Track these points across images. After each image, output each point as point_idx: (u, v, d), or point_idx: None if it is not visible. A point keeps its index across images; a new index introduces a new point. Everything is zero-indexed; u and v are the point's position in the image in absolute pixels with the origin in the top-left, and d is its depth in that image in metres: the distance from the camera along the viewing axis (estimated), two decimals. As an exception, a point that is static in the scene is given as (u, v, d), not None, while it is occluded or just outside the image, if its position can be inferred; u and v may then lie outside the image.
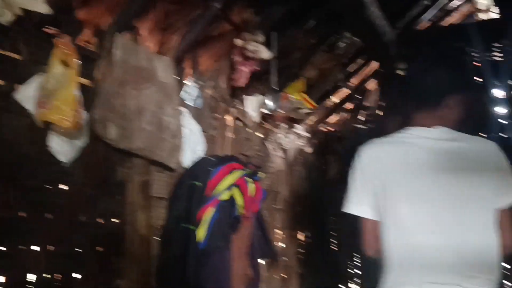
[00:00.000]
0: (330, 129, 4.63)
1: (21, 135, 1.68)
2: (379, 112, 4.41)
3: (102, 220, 1.91)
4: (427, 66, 1.99)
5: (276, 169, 3.56)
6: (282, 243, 3.69)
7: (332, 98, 4.41)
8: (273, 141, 3.53)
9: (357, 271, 4.45)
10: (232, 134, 2.84)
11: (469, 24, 3.75)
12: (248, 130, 3.08)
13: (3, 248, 1.66)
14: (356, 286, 4.42)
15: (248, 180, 2.27)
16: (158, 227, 2.12)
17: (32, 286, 1.71)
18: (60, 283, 1.78)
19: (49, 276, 1.76)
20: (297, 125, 3.95)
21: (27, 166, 1.70)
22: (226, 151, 2.71)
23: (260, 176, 2.35)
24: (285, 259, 3.72)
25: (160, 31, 2.18)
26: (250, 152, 3.02)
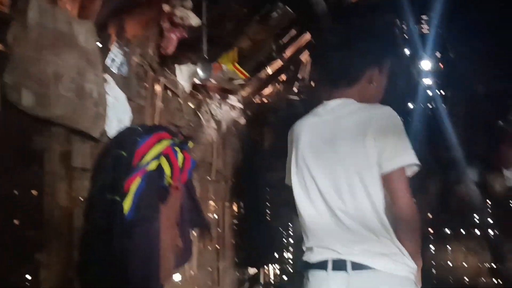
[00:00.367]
0: (264, 100, 4.63)
1: None
2: (312, 84, 4.45)
3: (18, 192, 1.81)
4: (349, 39, 2.03)
5: (209, 140, 3.53)
6: (215, 214, 3.69)
7: (266, 69, 4.40)
8: (206, 112, 3.48)
9: (291, 241, 4.54)
10: (162, 104, 2.77)
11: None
12: (179, 100, 3.02)
13: None
14: (291, 255, 4.51)
15: (177, 149, 2.20)
16: (81, 199, 2.04)
17: None
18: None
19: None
20: (230, 96, 3.91)
21: None
22: (156, 121, 2.64)
23: (190, 146, 2.30)
24: (219, 230, 3.72)
25: (81, -6, 2.07)
26: (181, 123, 2.97)
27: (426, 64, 4.08)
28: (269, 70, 4.50)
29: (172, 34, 2.53)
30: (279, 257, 4.54)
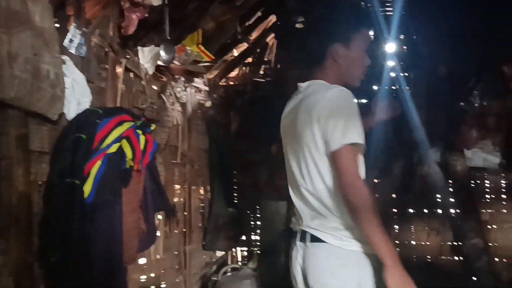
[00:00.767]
0: (231, 83, 4.61)
1: None
2: (279, 66, 4.45)
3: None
4: (311, 18, 2.04)
5: (174, 123, 3.49)
6: (182, 198, 3.67)
7: (232, 52, 4.38)
8: (170, 94, 3.44)
9: (259, 223, 4.56)
10: (124, 86, 2.71)
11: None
12: (142, 82, 2.96)
13: None
14: (258, 238, 4.53)
15: (139, 132, 2.19)
16: (40, 183, 1.99)
17: None
18: None
19: None
20: (196, 78, 3.88)
21: None
22: (117, 104, 2.59)
23: (152, 128, 2.27)
24: (185, 213, 3.71)
25: (36, -29, 1.99)
26: (144, 105, 2.92)
27: (390, 47, 4.11)
28: (235, 53, 4.48)
29: (133, 14, 2.48)
30: (246, 239, 4.56)
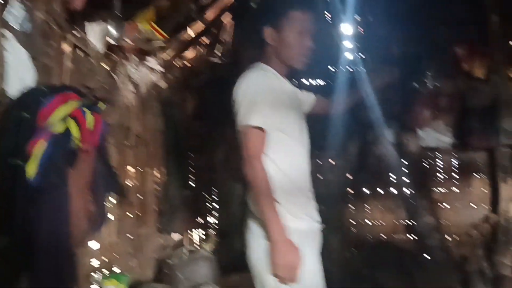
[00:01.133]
0: (186, 64, 4.51)
1: None
2: (235, 47, 4.39)
3: None
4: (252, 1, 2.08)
5: (126, 103, 3.39)
6: (135, 181, 3.59)
7: (187, 31, 4.28)
8: (122, 74, 3.33)
9: (215, 205, 4.53)
10: (72, 64, 2.60)
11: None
12: (92, 60, 2.85)
13: None
14: (215, 220, 4.50)
15: (86, 111, 2.08)
16: (-21, 164, 1.88)
17: None
18: None
19: None
20: (149, 58, 3.77)
21: None
22: (64, 82, 2.48)
23: (101, 108, 2.18)
24: (139, 196, 3.63)
25: None
26: (94, 84, 2.81)
27: (346, 28, 4.12)
28: (190, 32, 4.37)
29: (80, -12, 2.36)
30: (203, 222, 4.52)
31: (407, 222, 4.07)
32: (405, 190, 4.06)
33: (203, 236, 4.49)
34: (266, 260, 1.97)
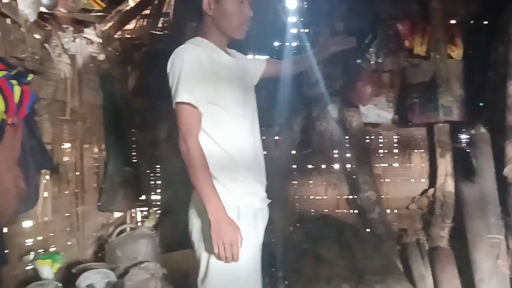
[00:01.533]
0: (127, 36, 4.35)
1: None
2: (176, 18, 4.27)
3: None
4: None
5: (62, 76, 3.23)
6: (72, 157, 3.45)
7: (127, 2, 4.11)
8: (56, 45, 3.16)
9: (159, 183, 4.43)
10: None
11: None
12: (22, 30, 2.68)
13: None
14: (158, 197, 4.41)
15: (13, 82, 1.97)
16: None
17: None
18: None
19: None
20: (86, 29, 3.60)
21: None
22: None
23: (29, 79, 2.06)
24: (77, 173, 3.50)
25: None
26: (24, 55, 2.64)
27: (290, 2, 4.08)
28: (131, 3, 4.21)
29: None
30: (146, 199, 4.42)
31: (349, 196, 4.13)
32: (347, 165, 4.11)
33: (145, 213, 4.39)
34: (204, 236, 1.95)
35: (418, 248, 3.66)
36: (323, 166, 4.19)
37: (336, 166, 4.18)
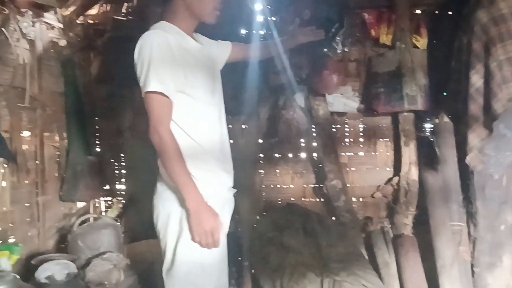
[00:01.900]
0: (89, 21, 4.22)
1: None
2: (140, 3, 4.17)
3: None
4: None
5: (20, 62, 3.11)
6: (32, 146, 3.34)
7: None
8: (14, 29, 3.04)
9: (123, 172, 4.36)
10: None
11: None
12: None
13: None
14: (122, 186, 4.34)
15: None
16: None
17: None
18: None
19: None
20: (47, 14, 3.48)
21: None
22: None
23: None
24: (37, 162, 3.39)
25: None
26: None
27: (258, -11, 4.02)
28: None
29: None
30: (110, 188, 4.33)
31: (315, 185, 4.15)
32: (314, 154, 4.12)
33: (109, 203, 4.31)
34: (169, 224, 1.93)
35: (382, 235, 3.70)
36: (290, 155, 4.19)
37: (303, 155, 4.18)
